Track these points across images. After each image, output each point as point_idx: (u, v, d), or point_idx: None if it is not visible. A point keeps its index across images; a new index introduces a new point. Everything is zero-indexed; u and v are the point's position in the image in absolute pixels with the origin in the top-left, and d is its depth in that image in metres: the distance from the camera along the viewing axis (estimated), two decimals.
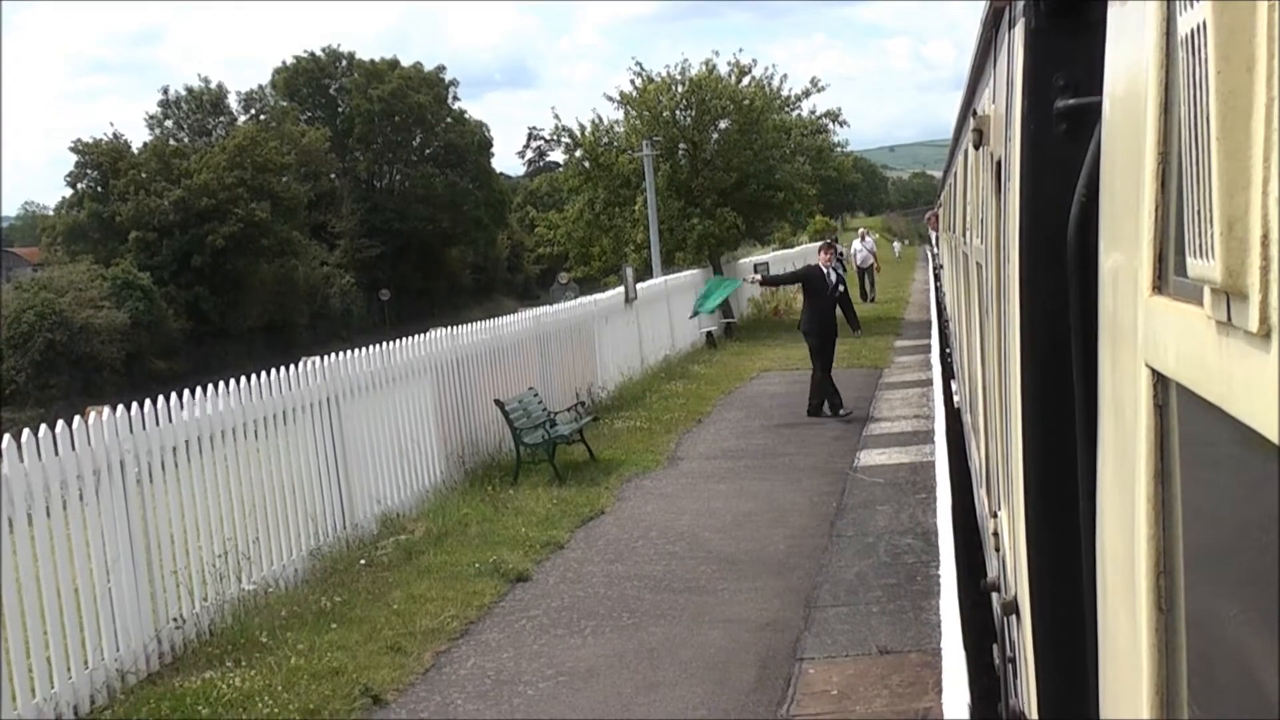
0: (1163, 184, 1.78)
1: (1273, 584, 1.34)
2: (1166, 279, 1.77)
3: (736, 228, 36.17)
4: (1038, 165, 3.72)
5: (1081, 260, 2.74)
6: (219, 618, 11.23)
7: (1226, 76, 1.36)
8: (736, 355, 31.18)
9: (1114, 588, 2.21)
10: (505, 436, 17.76)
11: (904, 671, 9.50)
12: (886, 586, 11.63)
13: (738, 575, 12.38)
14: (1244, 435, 1.32)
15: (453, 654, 10.64)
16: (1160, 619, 1.85)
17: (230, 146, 77.19)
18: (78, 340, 62.87)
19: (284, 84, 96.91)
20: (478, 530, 14.29)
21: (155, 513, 10.79)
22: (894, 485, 15.76)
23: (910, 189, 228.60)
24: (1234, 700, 1.60)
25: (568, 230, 37.68)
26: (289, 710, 9.27)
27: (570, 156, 37.75)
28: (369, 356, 14.97)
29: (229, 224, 73.21)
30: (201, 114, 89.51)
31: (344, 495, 13.95)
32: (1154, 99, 1.79)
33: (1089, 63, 2.98)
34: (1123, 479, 2.06)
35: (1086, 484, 2.64)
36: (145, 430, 10.80)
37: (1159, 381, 1.82)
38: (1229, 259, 1.35)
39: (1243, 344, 1.33)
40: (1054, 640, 3.78)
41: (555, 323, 22.29)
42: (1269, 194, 1.26)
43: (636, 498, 16.18)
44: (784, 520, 14.38)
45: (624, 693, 9.52)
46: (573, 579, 12.66)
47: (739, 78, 36.39)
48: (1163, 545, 1.84)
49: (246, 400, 12.32)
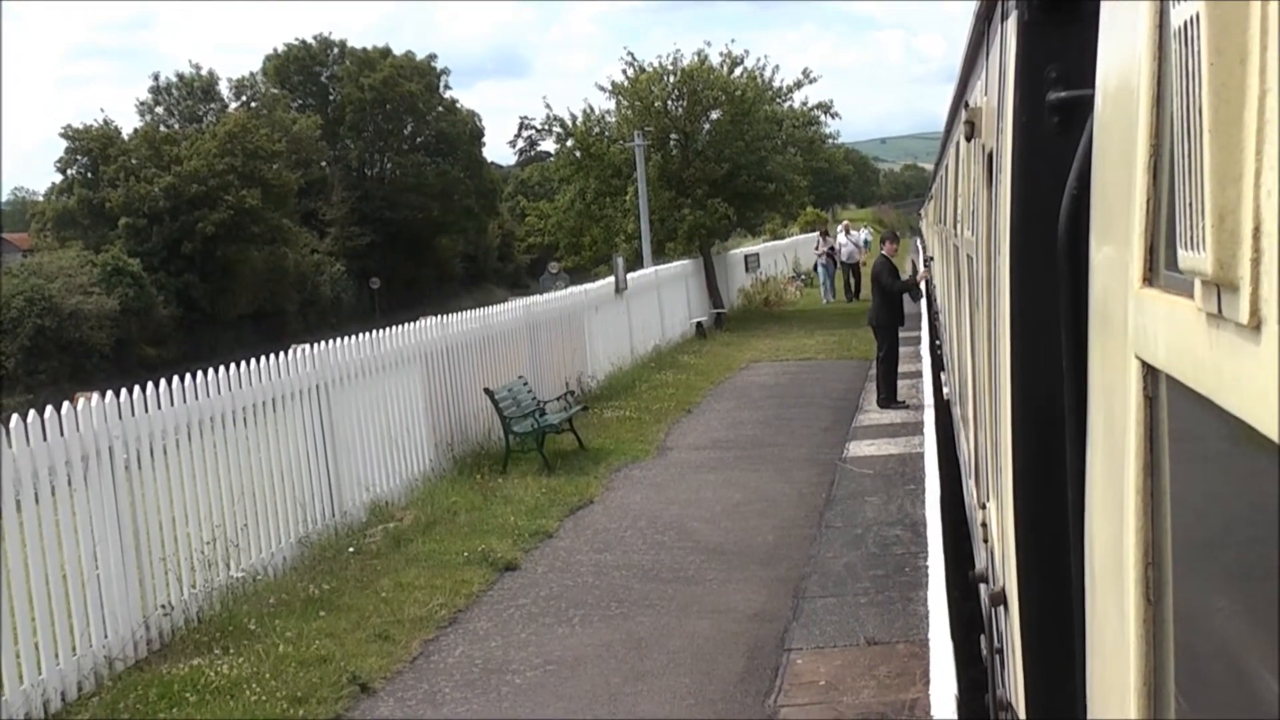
0: (1154, 176, 1.78)
1: (1262, 577, 1.35)
2: (1157, 271, 1.77)
3: (727, 219, 36.18)
4: (1029, 158, 3.72)
5: (1072, 253, 2.74)
6: (207, 605, 11.23)
7: (1219, 69, 1.35)
8: (726, 346, 31.20)
9: (1102, 580, 2.21)
10: (495, 425, 17.75)
11: (891, 662, 9.52)
12: (875, 577, 11.65)
13: (726, 565, 12.40)
14: (1234, 428, 1.32)
15: (441, 642, 10.64)
16: (1148, 611, 1.85)
17: (221, 133, 76.87)
18: (67, 326, 62.66)
19: (275, 71, 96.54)
20: (466, 519, 14.29)
21: (144, 499, 10.77)
22: (883, 476, 15.79)
23: (902, 181, 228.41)
24: (1222, 692, 1.61)
25: (558, 220, 37.68)
26: (277, 698, 9.27)
27: (561, 146, 37.75)
28: (359, 344, 14.96)
29: (219, 211, 72.91)
30: (192, 100, 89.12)
31: (333, 483, 13.94)
32: (1146, 92, 1.79)
33: (1081, 55, 2.98)
34: (1112, 471, 2.06)
35: (1075, 476, 2.64)
36: (134, 417, 10.78)
37: (1149, 374, 1.82)
38: (1220, 251, 1.35)
39: (1233, 336, 1.33)
40: (1041, 631, 3.78)
41: (545, 312, 22.29)
42: (1260, 186, 1.26)
43: (625, 487, 16.19)
44: (773, 511, 14.40)
45: (611, 682, 9.53)
46: (561, 568, 12.67)
47: (731, 68, 36.41)
48: (1151, 537, 1.84)
49: (236, 387, 12.31)
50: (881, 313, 21.42)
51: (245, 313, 76.83)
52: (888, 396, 21.08)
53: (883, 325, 21.28)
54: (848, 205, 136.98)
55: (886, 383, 21.17)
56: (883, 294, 21.42)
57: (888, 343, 21.13)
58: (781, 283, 44.66)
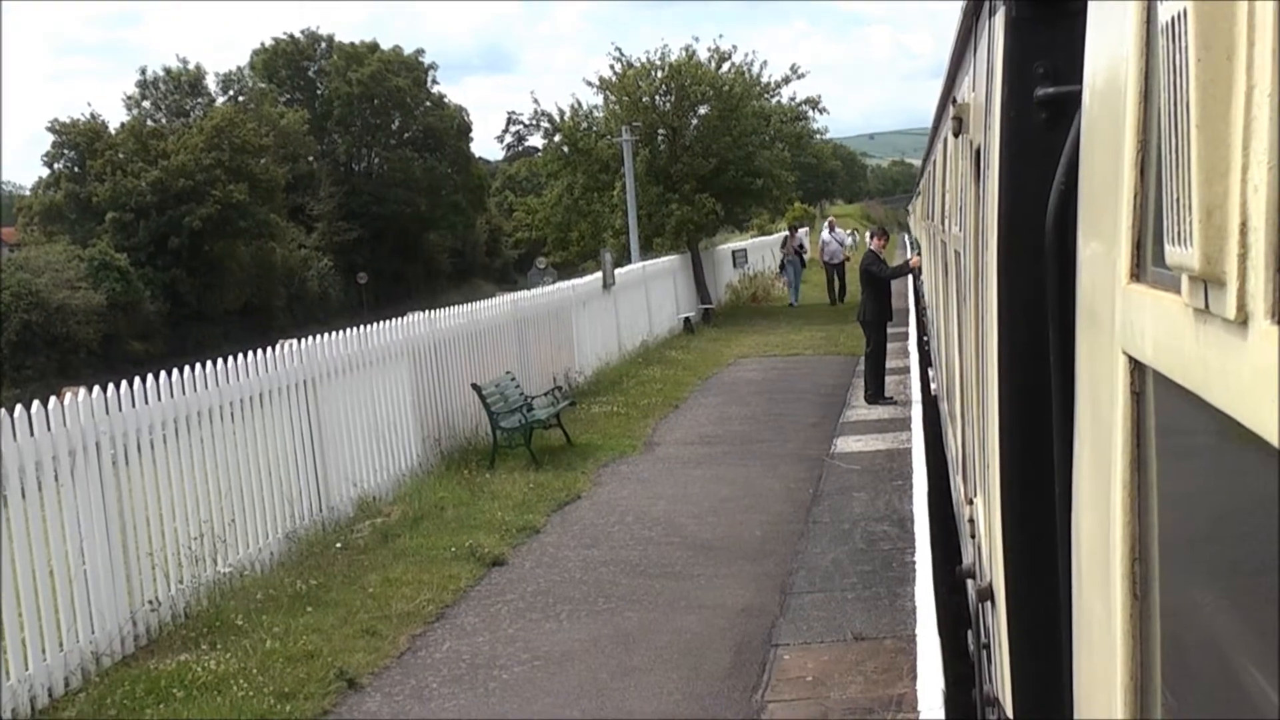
0: (1142, 172, 1.79)
1: (1249, 571, 1.35)
2: (1145, 267, 1.78)
3: (715, 214, 36.15)
4: (1017, 153, 3.73)
5: (1060, 248, 2.75)
6: (194, 600, 11.21)
7: (1206, 64, 1.36)
8: (714, 341, 31.19)
9: (1089, 574, 2.22)
10: (482, 420, 17.74)
11: (879, 657, 9.53)
12: (862, 573, 11.66)
13: (714, 561, 12.40)
14: (1220, 422, 1.32)
15: (428, 638, 10.63)
16: (1135, 606, 1.85)
17: (208, 128, 76.60)
18: (54, 321, 62.45)
19: (262, 66, 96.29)
20: (454, 514, 14.28)
21: (131, 494, 10.75)
22: (870, 472, 15.80)
23: (889, 177, 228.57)
24: (1207, 685, 1.61)
25: (546, 215, 37.66)
26: (264, 693, 9.26)
27: (549, 141, 37.70)
28: (346, 339, 14.93)
29: (206, 205, 72.66)
30: (179, 95, 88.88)
31: (320, 478, 13.92)
32: (1134, 87, 1.79)
33: (1069, 51, 2.99)
34: (1099, 466, 2.07)
35: (1063, 471, 2.65)
36: (121, 411, 10.76)
37: (1136, 369, 1.82)
38: (1207, 246, 1.36)
39: (1220, 331, 1.33)
40: (1029, 626, 3.79)
41: (533, 307, 22.27)
42: (1247, 182, 1.26)
43: (613, 483, 16.18)
44: (760, 506, 14.41)
45: (599, 677, 9.53)
46: (549, 563, 12.66)
47: (719, 64, 36.38)
48: (1138, 532, 1.85)
49: (223, 382, 12.28)
50: (869, 308, 21.44)
51: (232, 308, 76.64)
52: (875, 392, 21.09)
53: (870, 321, 21.31)
54: (835, 201, 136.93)
55: (874, 378, 21.19)
56: (872, 289, 21.43)
57: (875, 338, 21.14)
58: (769, 278, 44.61)
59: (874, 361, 21.23)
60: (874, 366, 21.23)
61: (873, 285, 21.44)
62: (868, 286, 21.58)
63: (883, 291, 21.59)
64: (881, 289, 21.59)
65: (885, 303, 21.61)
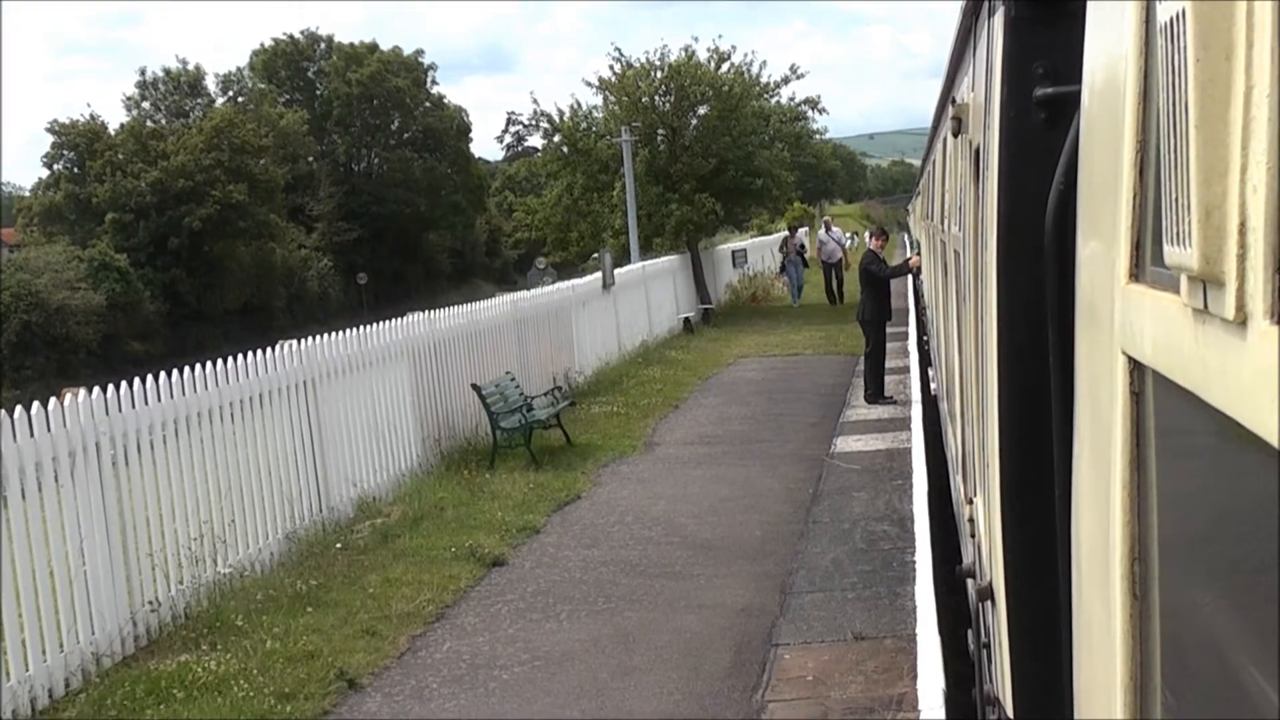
0: (1141, 172, 1.79)
1: (1248, 571, 1.35)
2: (1144, 267, 1.78)
3: (715, 214, 36.13)
4: (1016, 153, 3.73)
5: (1059, 248, 2.75)
6: (194, 601, 11.21)
7: (1205, 64, 1.36)
8: (714, 341, 31.19)
9: (1089, 574, 2.22)
10: (482, 421, 17.74)
11: (879, 657, 9.53)
12: (862, 573, 11.66)
13: (714, 561, 12.40)
14: (1220, 422, 1.32)
15: (428, 638, 10.63)
16: (1135, 605, 1.85)
17: (207, 128, 76.62)
18: (54, 322, 62.46)
19: (262, 66, 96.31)
20: (454, 514, 14.28)
21: (131, 495, 10.74)
22: (870, 472, 15.80)
23: (889, 177, 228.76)
24: (1207, 685, 1.61)
25: (546, 215, 37.65)
26: (264, 693, 9.26)
27: (549, 141, 37.70)
28: (346, 340, 14.93)
29: (206, 206, 72.69)
30: (179, 95, 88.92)
31: (320, 478, 13.92)
32: (1133, 87, 1.79)
33: (1068, 51, 2.98)
34: (1098, 466, 2.07)
35: (1062, 471, 2.65)
36: (121, 412, 10.75)
37: (1135, 369, 1.82)
38: (1206, 246, 1.36)
39: (1219, 331, 1.33)
40: (1029, 626, 3.79)
41: (533, 307, 22.27)
42: (1246, 182, 1.26)
43: (613, 483, 16.18)
44: (760, 506, 14.41)
45: (599, 677, 9.53)
46: (549, 563, 12.66)
47: (718, 64, 36.37)
48: (1138, 532, 1.85)
49: (223, 383, 12.28)
50: (869, 308, 21.44)
51: (232, 308, 76.65)
52: (875, 392, 21.09)
53: (870, 320, 21.30)
54: (835, 201, 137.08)
55: (874, 378, 21.19)
56: (871, 289, 21.42)
57: (875, 338, 21.14)
58: (769, 278, 44.58)
59: (874, 361, 21.22)
60: (874, 366, 21.23)
61: (872, 285, 21.43)
62: (867, 286, 21.57)
63: (882, 291, 21.58)
64: (881, 288, 21.58)
65: (885, 302, 21.61)
